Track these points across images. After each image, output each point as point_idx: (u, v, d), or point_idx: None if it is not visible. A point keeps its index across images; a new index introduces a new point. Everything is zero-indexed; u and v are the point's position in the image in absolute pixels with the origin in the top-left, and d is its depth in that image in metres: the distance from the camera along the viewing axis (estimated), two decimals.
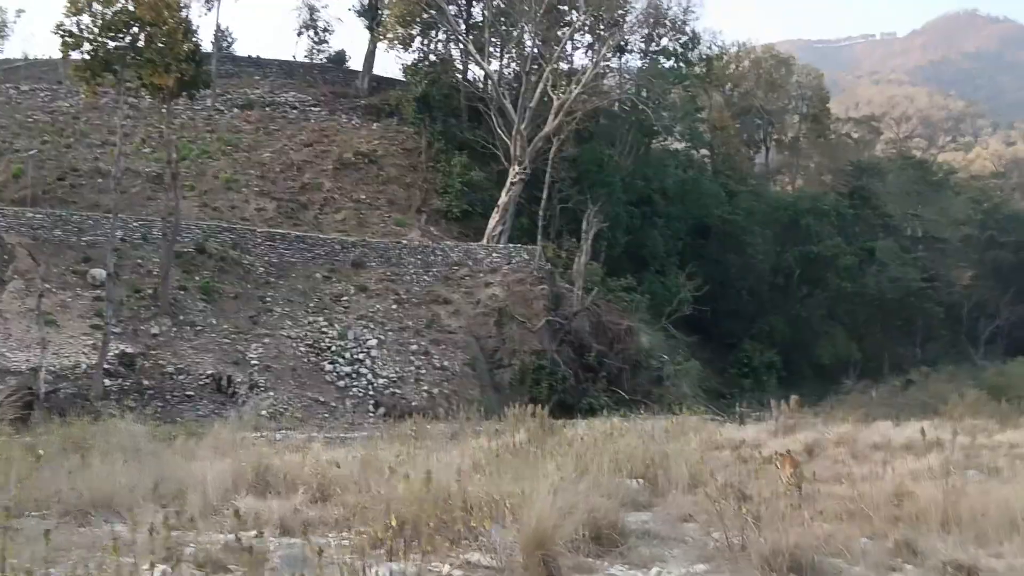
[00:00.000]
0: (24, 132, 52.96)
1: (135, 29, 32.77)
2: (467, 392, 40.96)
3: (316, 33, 70.94)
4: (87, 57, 32.51)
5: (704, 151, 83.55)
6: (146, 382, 35.09)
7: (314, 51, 71.23)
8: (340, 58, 72.41)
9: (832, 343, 64.93)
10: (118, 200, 36.54)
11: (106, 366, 34.08)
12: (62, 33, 31.55)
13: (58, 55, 36.73)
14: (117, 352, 35.31)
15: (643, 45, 69.84)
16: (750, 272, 65.89)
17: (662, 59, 68.56)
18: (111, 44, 33.05)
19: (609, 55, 56.83)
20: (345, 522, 9.63)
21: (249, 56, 68.47)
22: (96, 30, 32.18)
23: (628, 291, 50.61)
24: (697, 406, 41.05)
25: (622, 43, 65.51)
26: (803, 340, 65.42)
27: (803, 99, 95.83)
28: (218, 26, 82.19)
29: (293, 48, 72.48)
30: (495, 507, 8.71)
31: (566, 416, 34.72)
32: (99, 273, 38.22)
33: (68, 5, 31.34)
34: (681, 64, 69.94)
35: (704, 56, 74.15)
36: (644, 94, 61.02)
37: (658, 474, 13.06)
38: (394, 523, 8.22)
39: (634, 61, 68.81)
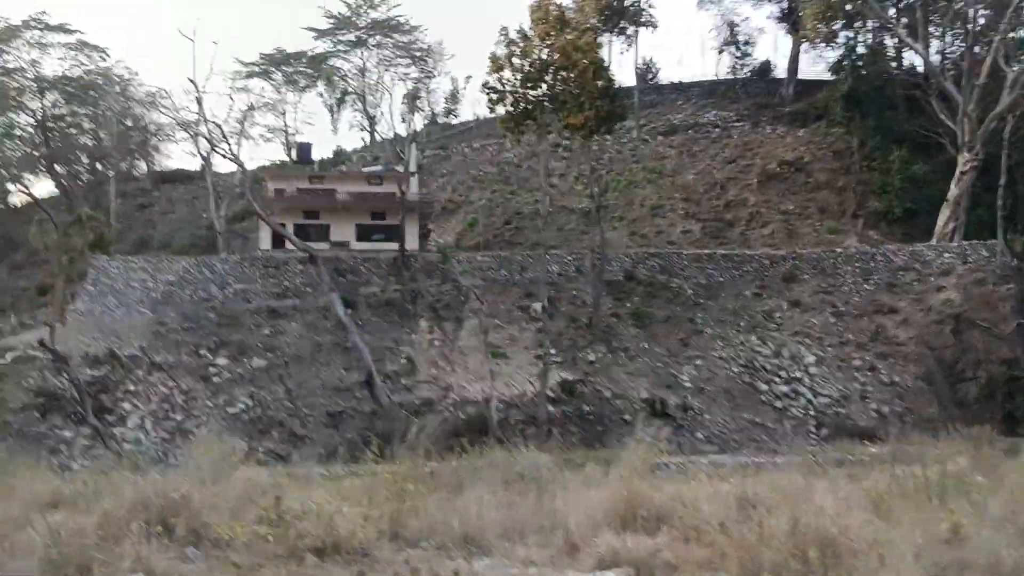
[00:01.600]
0: (476, 185, 59.29)
1: (549, 77, 34.68)
2: (923, 410, 36.78)
3: (737, 48, 70.06)
4: (510, 109, 35.14)
5: None
6: (585, 407, 36.73)
7: (737, 66, 70.39)
8: (765, 69, 70.44)
9: None
10: (545, 238, 38.83)
11: (548, 393, 36.37)
12: (487, 91, 34.52)
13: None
14: (558, 380, 37.49)
15: None
16: None
17: None
18: (531, 94, 35.54)
19: None
20: (709, 565, 8.68)
21: (671, 83, 69.60)
22: (516, 82, 34.70)
23: None
24: None
25: None
26: None
27: None
28: (642, 59, 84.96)
29: (715, 67, 72.83)
30: (867, 559, 7.19)
31: None
32: (539, 307, 41.02)
33: (490, 64, 34.24)
34: None
35: None
36: None
37: None
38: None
39: None
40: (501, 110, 36.03)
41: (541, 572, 8.84)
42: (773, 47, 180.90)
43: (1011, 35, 49.53)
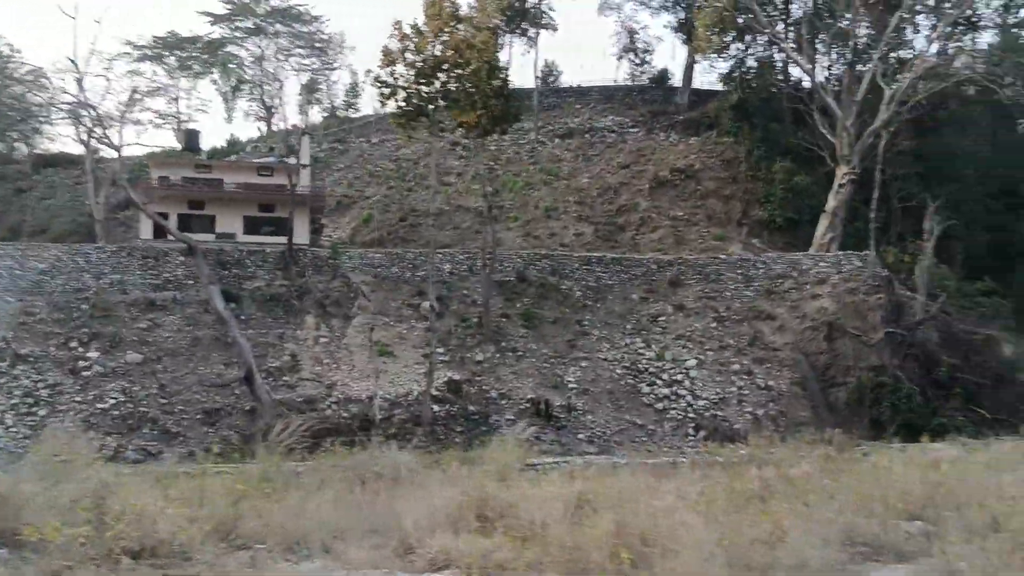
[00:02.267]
0: (373, 181, 58.66)
1: (442, 74, 34.52)
2: (796, 414, 38.05)
3: (636, 55, 71.30)
4: (402, 104, 34.83)
5: None
6: (471, 407, 36.70)
7: (636, 73, 71.62)
8: (662, 77, 71.84)
9: None
10: (439, 236, 38.67)
11: (435, 392, 36.21)
12: (379, 84, 34.14)
13: None
14: (445, 379, 37.37)
15: (998, 19, 61.56)
16: None
17: (1021, 31, 59.71)
18: (424, 90, 35.29)
19: (949, 30, 50.48)
20: (537, 565, 8.71)
21: (571, 87, 70.32)
22: (409, 78, 34.42)
23: (988, 295, 44.07)
24: None
25: (972, 19, 58.19)
26: None
27: None
28: (544, 62, 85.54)
29: (615, 73, 73.90)
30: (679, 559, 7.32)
31: (913, 439, 30.87)
32: (428, 305, 40.80)
33: (383, 58, 33.88)
34: None
35: None
36: (999, 71, 53.33)
37: (946, 515, 10.69)
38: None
39: (990, 38, 60.72)
40: (393, 105, 35.57)
41: (366, 575, 8.72)
42: (671, 56, 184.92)
43: (888, 53, 51.92)
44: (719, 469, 17.00)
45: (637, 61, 71.13)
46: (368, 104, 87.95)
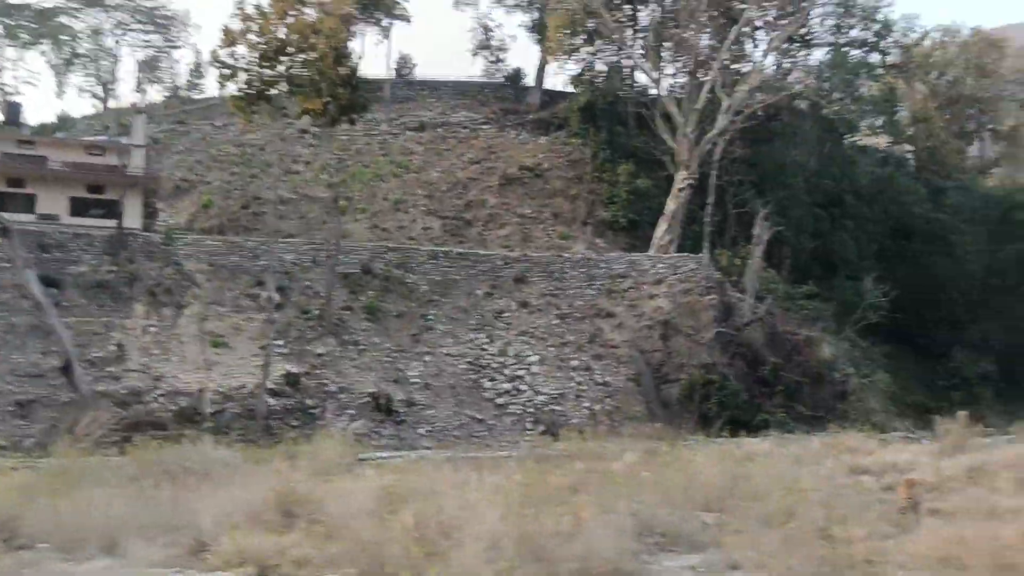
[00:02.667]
0: (216, 165, 56.39)
1: (287, 58, 33.57)
2: (631, 409, 39.23)
3: (491, 52, 71.59)
4: (243, 87, 33.64)
5: (906, 145, 77.23)
6: (309, 401, 35.89)
7: (491, 70, 71.90)
8: (517, 76, 72.43)
9: None
10: (283, 225, 37.64)
11: (271, 386, 35.15)
12: (218, 65, 32.85)
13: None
14: (283, 372, 36.37)
15: (831, 37, 65.54)
16: (959, 274, 59.58)
17: (851, 50, 63.83)
18: (267, 73, 34.19)
19: (784, 46, 53.31)
20: (336, 561, 8.50)
21: (425, 80, 69.91)
22: (251, 60, 33.27)
23: (811, 299, 46.84)
24: (888, 422, 37.24)
25: (807, 36, 61.69)
26: None
27: (1021, 84, 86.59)
28: (400, 53, 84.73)
29: (470, 69, 73.89)
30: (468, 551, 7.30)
31: (738, 434, 32.30)
32: (266, 296, 39.60)
33: (223, 37, 32.61)
34: (875, 54, 64.87)
35: (900, 44, 68.16)
36: (827, 87, 56.85)
37: (740, 507, 11.18)
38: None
39: (821, 55, 64.55)
40: (234, 88, 34.30)
41: (155, 574, 8.30)
42: (526, 55, 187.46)
43: (727, 65, 54.27)
44: (544, 463, 17.23)
45: (492, 58, 71.49)
46: (213, 86, 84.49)
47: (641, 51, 53.41)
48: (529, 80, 68.65)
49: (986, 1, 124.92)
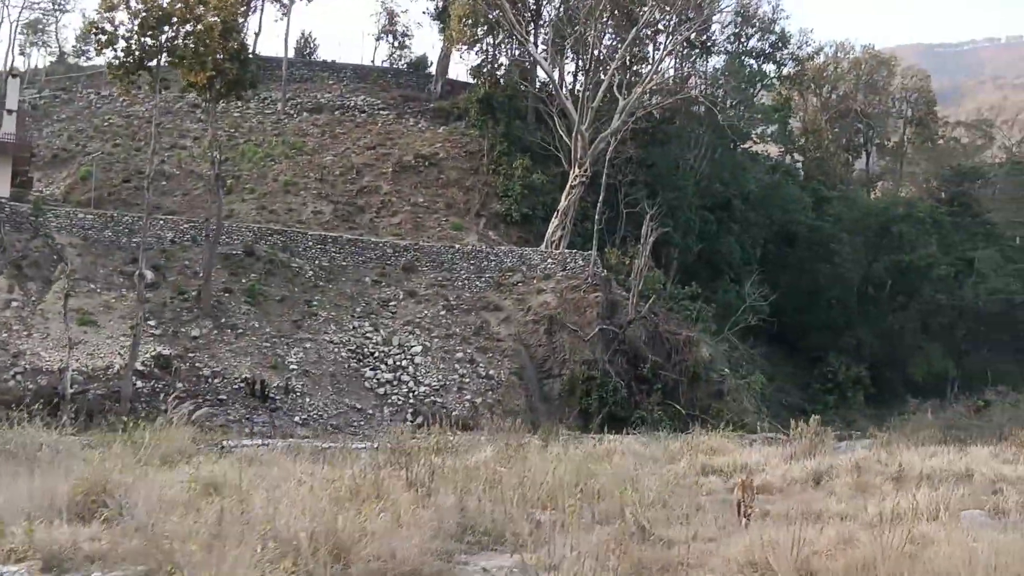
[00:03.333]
0: (98, 136, 54.06)
1: (168, 28, 32.29)
2: (512, 402, 39.24)
3: (395, 38, 70.72)
4: (120, 56, 32.23)
5: (796, 155, 79.89)
6: (180, 384, 34.65)
7: (395, 56, 71.07)
8: (421, 63, 71.81)
9: (926, 359, 60.22)
10: (149, 201, 36.34)
11: (140, 368, 33.82)
12: (96, 31, 31.36)
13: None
14: (153, 354, 35.06)
15: (729, 46, 67.13)
16: (838, 282, 61.95)
17: (748, 59, 65.52)
18: (148, 42, 32.77)
19: (683, 51, 54.27)
20: (136, 555, 8.06)
21: (326, 61, 68.59)
22: (131, 27, 31.88)
23: (693, 300, 47.85)
24: (760, 423, 38.23)
25: (707, 43, 62.96)
26: (895, 355, 61.01)
27: (907, 102, 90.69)
28: (302, 32, 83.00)
29: (372, 54, 72.72)
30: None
31: (617, 430, 32.66)
32: (146, 274, 38.13)
33: (102, 2, 31.12)
34: (770, 64, 66.77)
35: (795, 56, 70.31)
36: (722, 94, 58.14)
37: (577, 505, 11.14)
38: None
39: (719, 62, 66.00)
40: (112, 55, 32.80)
41: None
42: (431, 43, 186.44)
43: (632, 67, 54.94)
44: (400, 456, 16.94)
45: (396, 44, 70.69)
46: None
47: (542, 46, 53.45)
48: (433, 69, 68.11)
49: (878, 21, 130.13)
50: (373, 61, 70.55)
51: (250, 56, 38.58)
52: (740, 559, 8.64)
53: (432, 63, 69.55)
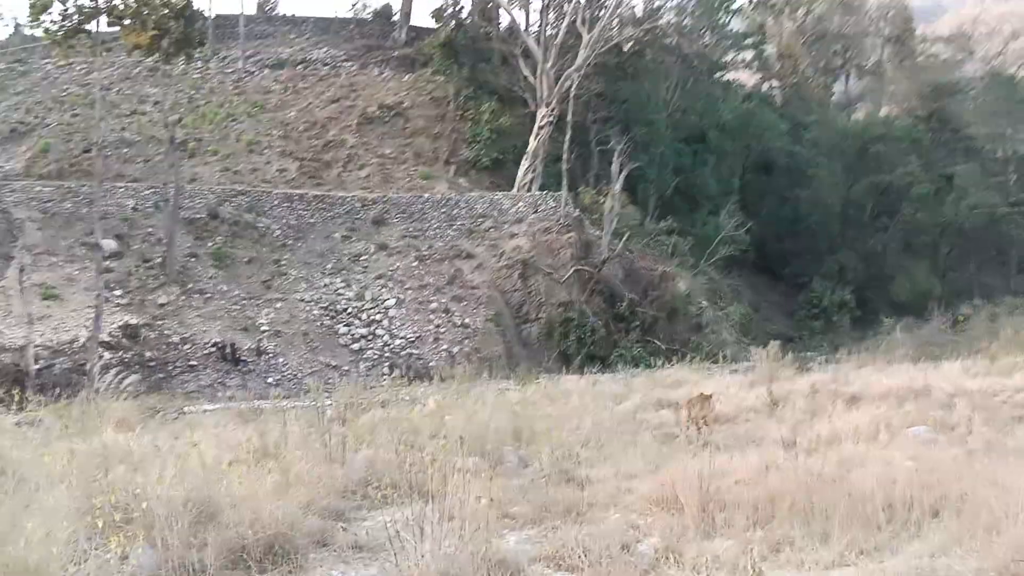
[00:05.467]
0: (57, 107, 52.84)
1: None
2: (490, 349, 38.84)
3: None
4: (57, 19, 31.10)
5: (773, 82, 78.73)
6: (148, 353, 34.18)
7: (358, 6, 69.54)
8: (386, 12, 70.06)
9: (910, 278, 59.81)
10: (100, 168, 35.62)
11: (107, 338, 33.29)
12: None
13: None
14: (121, 324, 34.52)
15: None
16: (818, 207, 61.32)
17: None
18: (85, 4, 31.62)
19: None
20: None
21: (287, 16, 67.01)
22: None
23: (670, 234, 47.24)
24: (741, 352, 37.96)
25: None
26: (878, 276, 60.64)
27: (885, 20, 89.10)
28: None
29: (337, 5, 71.07)
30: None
31: (597, 369, 32.36)
32: (108, 244, 37.46)
33: None
34: None
35: None
36: (691, 23, 56.88)
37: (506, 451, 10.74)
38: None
39: None
40: (48, 20, 31.65)
41: None
42: None
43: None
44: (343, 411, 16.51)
45: None
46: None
47: None
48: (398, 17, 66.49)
49: None
50: (336, 13, 69.02)
51: (195, 11, 37.23)
52: (653, 496, 8.18)
53: (396, 11, 67.95)
